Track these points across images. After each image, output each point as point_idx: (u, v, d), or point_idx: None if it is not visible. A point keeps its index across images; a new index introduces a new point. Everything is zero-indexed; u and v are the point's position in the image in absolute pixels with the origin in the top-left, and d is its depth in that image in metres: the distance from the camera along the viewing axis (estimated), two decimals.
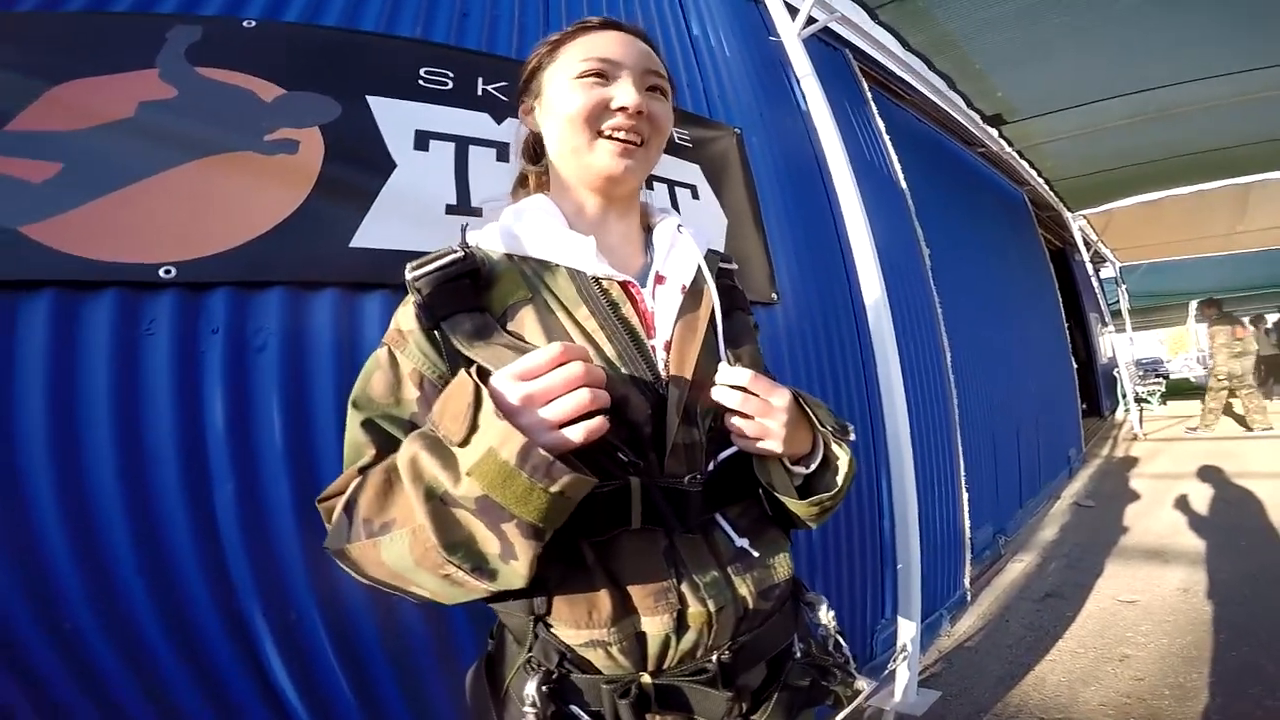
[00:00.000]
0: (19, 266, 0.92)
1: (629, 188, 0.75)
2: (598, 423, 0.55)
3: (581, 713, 0.61)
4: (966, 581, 2.74)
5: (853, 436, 0.71)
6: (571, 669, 0.62)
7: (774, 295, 1.84)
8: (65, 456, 0.92)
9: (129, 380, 0.97)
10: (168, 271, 1.00)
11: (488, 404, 0.52)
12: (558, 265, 0.69)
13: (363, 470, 0.62)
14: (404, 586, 0.58)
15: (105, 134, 1.00)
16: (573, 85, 0.68)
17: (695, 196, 1.66)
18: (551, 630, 0.63)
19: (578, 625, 0.61)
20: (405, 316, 0.68)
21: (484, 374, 0.57)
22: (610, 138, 0.68)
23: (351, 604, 1.08)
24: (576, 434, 0.54)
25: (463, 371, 0.57)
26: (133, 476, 0.96)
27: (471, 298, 0.65)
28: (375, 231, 1.14)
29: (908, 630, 1.96)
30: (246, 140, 1.09)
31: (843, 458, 0.69)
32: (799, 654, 0.71)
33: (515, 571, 0.53)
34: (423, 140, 1.23)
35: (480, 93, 1.34)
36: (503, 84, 1.37)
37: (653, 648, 0.62)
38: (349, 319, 1.13)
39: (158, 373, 0.99)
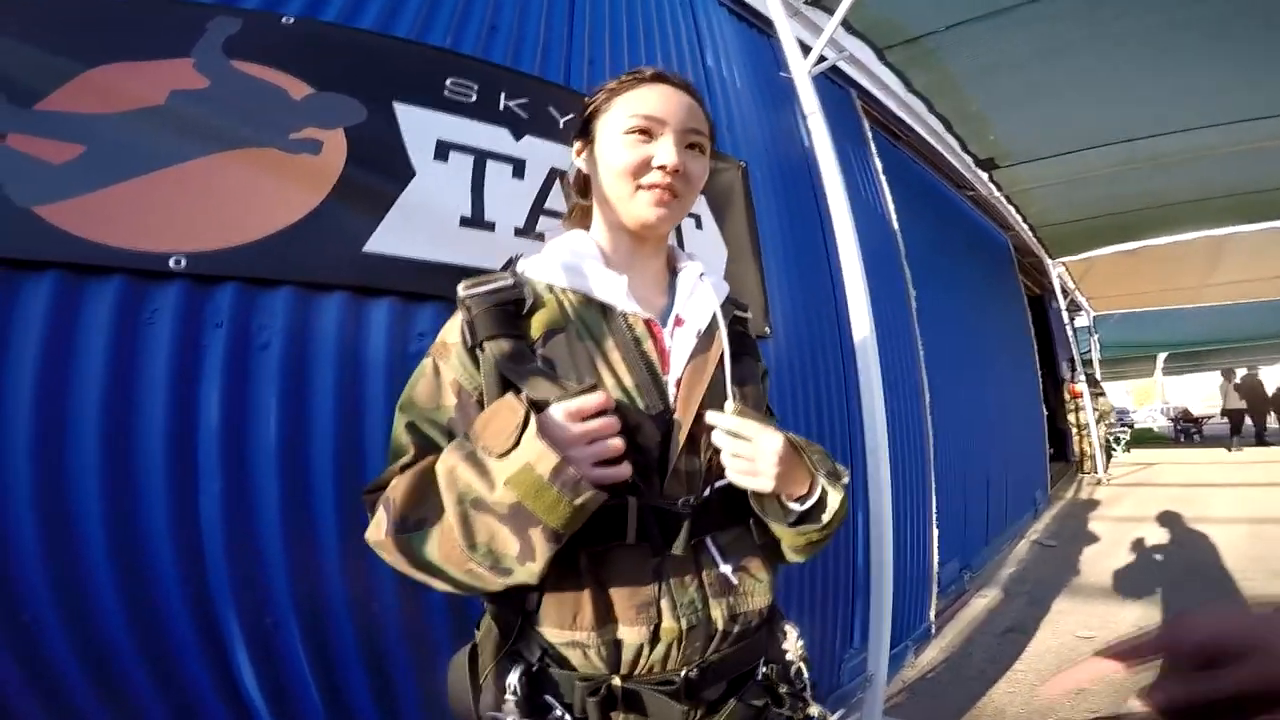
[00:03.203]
0: (24, 245, 0.91)
1: (660, 234, 0.82)
2: (624, 469, 0.64)
3: (555, 703, 0.67)
4: (932, 614, 2.80)
5: (845, 480, 0.76)
6: (551, 664, 0.69)
7: (767, 329, 1.88)
8: (49, 438, 0.90)
9: (124, 367, 0.96)
10: (178, 262, 0.99)
11: (532, 427, 0.61)
12: (591, 299, 0.75)
13: (404, 468, 0.69)
14: (434, 578, 0.65)
15: (133, 120, 1.00)
16: (621, 141, 0.74)
17: (699, 227, 1.69)
18: (537, 629, 0.69)
19: (562, 626, 0.68)
20: (452, 330, 0.75)
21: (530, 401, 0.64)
22: (650, 190, 0.75)
23: (331, 609, 1.07)
24: (608, 475, 0.63)
25: (511, 395, 0.65)
26: (117, 464, 0.94)
27: (513, 324, 0.71)
28: (389, 238, 1.15)
29: (875, 660, 2.00)
30: (271, 137, 1.09)
31: (834, 498, 0.73)
32: (759, 676, 0.76)
33: (530, 571, 0.61)
34: (443, 150, 1.24)
35: (502, 107, 1.35)
36: (523, 100, 1.38)
37: (627, 654, 0.68)
38: (355, 323, 1.13)
39: (155, 362, 0.98)
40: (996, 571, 3.83)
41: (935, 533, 2.81)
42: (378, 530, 0.65)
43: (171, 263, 0.99)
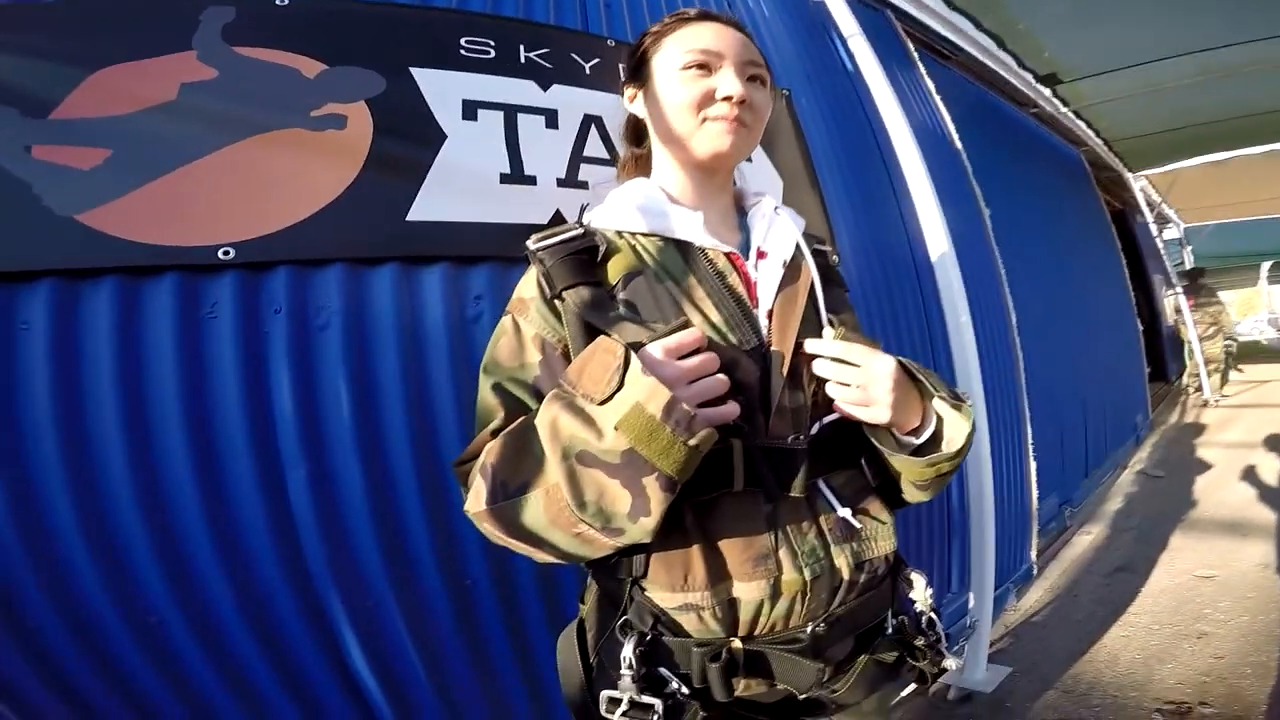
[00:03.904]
0: (79, 255, 0.92)
1: (731, 165, 0.81)
2: (732, 407, 0.61)
3: (671, 675, 0.63)
4: (1033, 555, 2.64)
5: (970, 402, 0.69)
6: (664, 632, 0.64)
7: (835, 257, 1.76)
8: (137, 446, 0.93)
9: (196, 365, 0.97)
10: (226, 253, 0.99)
11: (635, 363, 0.57)
12: (666, 239, 0.73)
13: (494, 433, 0.65)
14: (538, 546, 0.61)
15: (150, 118, 0.99)
16: (679, 76, 0.72)
17: (749, 160, 1.59)
18: (646, 593, 0.65)
19: (673, 589, 0.63)
20: (528, 285, 0.73)
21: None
22: (717, 120, 0.72)
23: (425, 584, 1.08)
24: (718, 415, 0.59)
25: (603, 338, 0.61)
26: (205, 464, 0.96)
27: (590, 271, 0.69)
28: (431, 204, 1.12)
29: (979, 605, 1.90)
30: (293, 118, 1.07)
31: (963, 423, 0.67)
32: (890, 629, 0.71)
33: (644, 528, 0.56)
34: (470, 110, 1.20)
35: (523, 60, 1.30)
36: (544, 50, 1.33)
37: (745, 614, 0.63)
38: (409, 294, 1.11)
39: (223, 356, 0.99)
40: (1100, 506, 3.58)
41: (1033, 466, 2.63)
42: (476, 500, 0.61)
43: (221, 254, 0.99)
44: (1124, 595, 2.43)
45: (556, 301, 0.69)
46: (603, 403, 0.56)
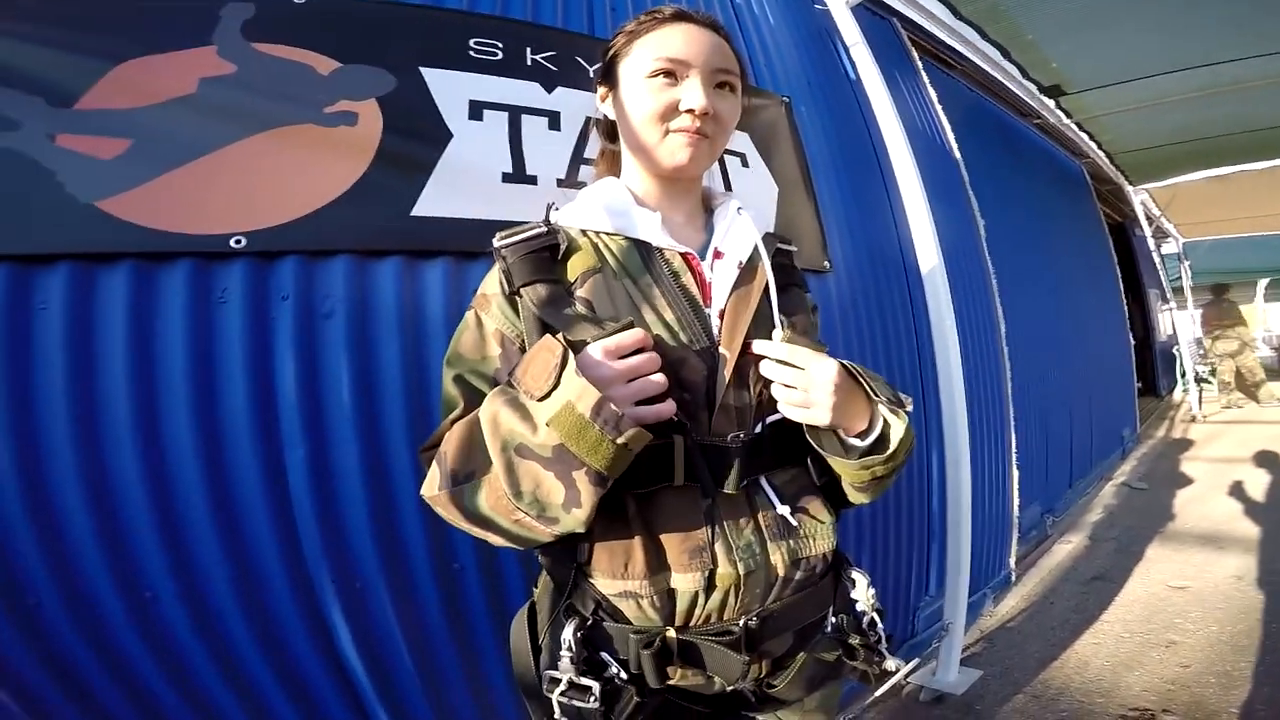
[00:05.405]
0: (97, 239, 0.96)
1: (692, 175, 0.81)
2: (667, 406, 0.62)
3: (611, 660, 0.66)
4: (1012, 561, 2.69)
5: (909, 408, 0.71)
6: (605, 617, 0.67)
7: (826, 263, 1.81)
8: (145, 424, 0.97)
9: (206, 347, 1.02)
10: (238, 241, 1.03)
11: (571, 364, 0.59)
12: (626, 239, 0.74)
13: (454, 422, 0.68)
14: (485, 529, 0.64)
15: (170, 110, 1.03)
16: (644, 85, 0.72)
17: (745, 165, 1.64)
18: (590, 580, 0.68)
19: (614, 575, 0.66)
20: (490, 282, 0.75)
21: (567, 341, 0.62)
22: (679, 133, 0.72)
23: (414, 567, 1.12)
24: (650, 413, 0.61)
25: (548, 336, 0.63)
26: (209, 440, 1.01)
27: (549, 269, 0.71)
28: (436, 200, 1.16)
29: (952, 609, 1.95)
30: (306, 113, 1.11)
31: (898, 427, 0.68)
32: (830, 628, 0.73)
33: (576, 518, 0.59)
34: (477, 110, 1.24)
35: (530, 62, 1.33)
36: (550, 53, 1.36)
37: (681, 604, 0.66)
38: (412, 286, 1.15)
39: (232, 340, 1.03)
40: (1082, 516, 3.63)
41: (1015, 474, 2.68)
42: (431, 486, 0.64)
43: (233, 242, 1.03)
44: (1098, 603, 2.48)
45: (516, 298, 0.70)
46: (541, 399, 0.59)
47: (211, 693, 1.02)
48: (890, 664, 0.73)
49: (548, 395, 0.59)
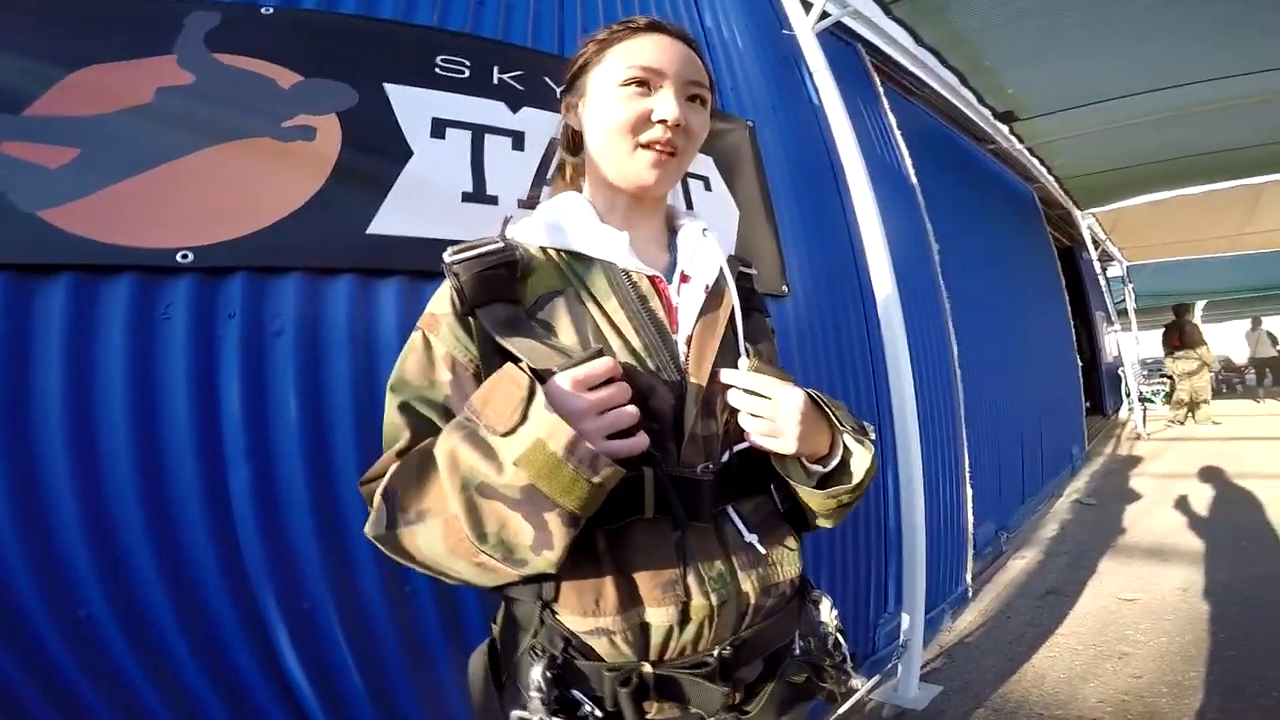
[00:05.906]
0: (37, 250, 0.92)
1: (657, 195, 0.78)
2: (641, 440, 0.60)
3: (584, 698, 0.62)
4: (968, 578, 2.75)
5: (873, 436, 0.72)
6: (576, 655, 0.63)
7: (784, 288, 1.84)
8: (81, 439, 0.93)
9: (145, 364, 0.97)
10: (185, 256, 1.00)
11: (540, 398, 0.55)
12: (591, 258, 0.71)
13: (400, 454, 0.64)
14: (441, 574, 0.61)
15: (123, 119, 1.00)
16: (617, 94, 0.69)
17: (708, 188, 1.66)
18: (557, 617, 0.64)
19: (584, 613, 0.63)
20: (440, 301, 0.70)
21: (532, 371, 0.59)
22: (648, 147, 0.70)
23: (364, 591, 1.09)
24: (624, 448, 0.58)
25: (511, 365, 0.59)
26: (149, 460, 0.96)
27: (506, 288, 0.66)
28: (392, 219, 1.14)
29: (911, 625, 1.97)
30: (264, 126, 1.08)
31: (863, 456, 0.69)
32: (798, 650, 0.72)
33: (547, 560, 0.55)
34: (439, 128, 1.23)
35: (496, 81, 1.33)
36: (518, 73, 1.37)
37: (656, 638, 0.64)
38: (365, 305, 1.13)
39: (174, 357, 0.99)
40: (1035, 532, 3.75)
41: (969, 492, 2.76)
42: (378, 524, 0.60)
43: (179, 257, 0.99)
44: (1053, 617, 2.55)
45: (469, 319, 0.66)
46: (505, 434, 0.55)
47: (155, 715, 0.97)
48: (856, 682, 0.74)
49: (513, 430, 0.55)
